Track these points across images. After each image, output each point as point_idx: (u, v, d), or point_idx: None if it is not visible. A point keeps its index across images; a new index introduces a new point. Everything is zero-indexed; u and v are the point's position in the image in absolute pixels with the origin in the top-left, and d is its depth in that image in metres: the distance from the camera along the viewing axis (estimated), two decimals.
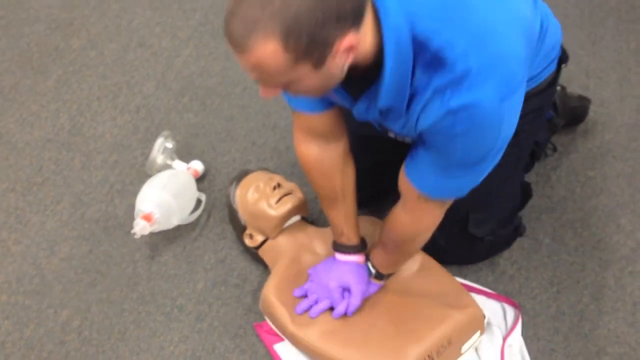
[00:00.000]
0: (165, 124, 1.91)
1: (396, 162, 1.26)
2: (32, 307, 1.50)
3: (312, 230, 1.55)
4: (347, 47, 0.95)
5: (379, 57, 1.02)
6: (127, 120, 1.94)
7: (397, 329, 1.33)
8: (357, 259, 1.40)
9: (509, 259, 1.63)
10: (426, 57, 1.00)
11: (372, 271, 1.41)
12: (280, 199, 1.50)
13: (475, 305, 1.39)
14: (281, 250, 1.51)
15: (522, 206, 1.61)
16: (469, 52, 1.00)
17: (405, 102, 1.06)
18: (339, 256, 1.41)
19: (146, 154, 1.82)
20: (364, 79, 1.07)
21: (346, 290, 1.39)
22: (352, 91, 1.13)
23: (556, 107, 1.74)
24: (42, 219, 1.68)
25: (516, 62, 1.05)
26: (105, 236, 1.65)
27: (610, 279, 1.60)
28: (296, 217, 1.54)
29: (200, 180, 1.76)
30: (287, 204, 1.49)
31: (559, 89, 1.81)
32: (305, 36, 0.91)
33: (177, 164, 1.74)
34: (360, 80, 1.08)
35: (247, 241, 1.55)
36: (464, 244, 1.53)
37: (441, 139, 1.07)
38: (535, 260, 1.64)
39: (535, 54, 1.25)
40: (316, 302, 1.39)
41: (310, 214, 1.64)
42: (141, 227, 1.52)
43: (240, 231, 1.57)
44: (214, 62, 2.12)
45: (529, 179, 1.79)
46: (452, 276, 1.47)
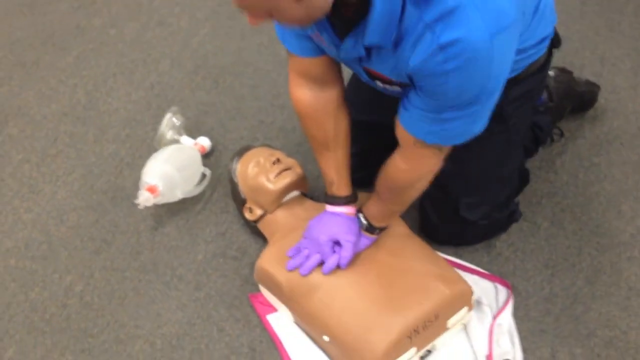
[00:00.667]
0: (177, 101, 1.96)
1: (392, 144, 1.28)
2: (38, 271, 1.57)
3: (310, 204, 1.58)
4: None
5: None
6: (140, 96, 1.99)
7: (386, 297, 1.34)
8: (347, 210, 1.40)
9: (505, 241, 1.65)
10: None
11: (364, 223, 1.39)
12: (279, 174, 1.53)
13: (463, 281, 1.41)
14: (279, 223, 1.55)
15: (518, 192, 1.62)
16: None
17: (392, 38, 1.06)
18: (329, 207, 1.41)
19: (158, 129, 1.87)
20: (354, 18, 1.07)
21: (337, 244, 1.38)
22: (340, 32, 1.13)
23: (550, 93, 1.74)
24: (53, 189, 1.75)
25: (507, 0, 1.04)
26: (112, 207, 1.71)
27: (606, 263, 1.61)
28: (295, 193, 1.58)
29: (207, 156, 1.81)
30: (286, 179, 1.53)
31: (561, 73, 1.81)
32: None
33: (185, 139, 1.79)
34: (349, 19, 1.08)
35: (247, 214, 1.59)
36: (457, 226, 1.55)
37: (432, 79, 1.06)
38: (532, 243, 1.65)
39: (527, 23, 1.25)
40: (308, 257, 1.39)
41: (310, 191, 1.67)
42: (145, 199, 1.57)
43: (240, 205, 1.61)
44: (229, 42, 2.16)
45: (533, 164, 1.80)
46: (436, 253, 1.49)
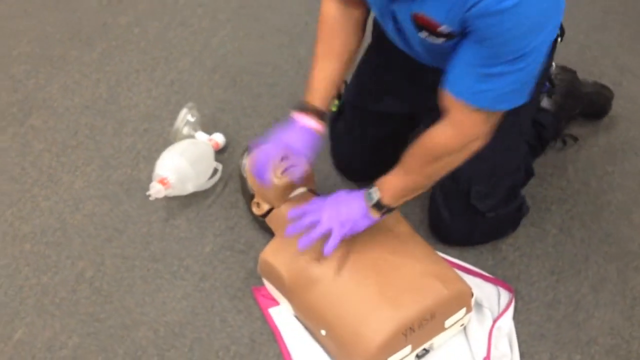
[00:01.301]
0: (196, 98, 2.00)
1: (405, 136, 1.33)
2: (52, 256, 1.62)
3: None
4: None
5: None
6: (160, 92, 2.04)
7: (384, 294, 1.35)
8: (312, 124, 1.39)
9: (512, 245, 1.65)
10: None
11: (374, 198, 1.34)
12: (286, 170, 1.55)
13: (462, 282, 1.42)
14: (285, 219, 1.57)
15: (523, 183, 1.64)
16: None
17: None
18: (296, 115, 1.41)
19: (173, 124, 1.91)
20: None
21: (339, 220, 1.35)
22: None
23: (552, 82, 1.76)
24: (71, 178, 1.80)
25: None
26: (126, 197, 1.75)
27: (613, 272, 1.60)
28: (302, 189, 1.60)
29: (221, 152, 1.84)
30: (292, 175, 1.55)
31: (562, 71, 1.83)
32: None
33: (200, 134, 1.83)
34: None
35: (255, 209, 1.62)
36: (467, 219, 1.55)
37: (487, 19, 1.06)
38: (539, 248, 1.65)
39: None
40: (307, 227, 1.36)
41: (319, 189, 1.69)
42: (156, 190, 1.61)
43: (248, 199, 1.64)
44: (249, 42, 2.19)
45: (545, 170, 1.80)
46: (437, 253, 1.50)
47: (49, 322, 1.49)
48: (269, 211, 1.60)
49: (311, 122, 1.41)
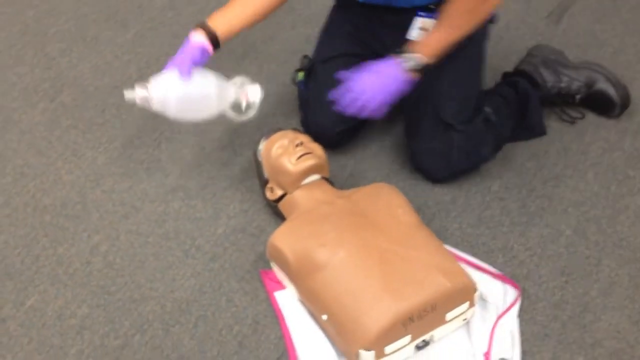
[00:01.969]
0: None
1: None
2: (70, 229, 1.67)
3: (329, 189, 1.61)
4: None
5: None
6: None
7: (386, 284, 1.36)
8: (202, 42, 1.54)
9: (523, 245, 1.64)
10: None
11: (414, 61, 1.52)
12: (301, 157, 1.57)
13: (466, 276, 1.42)
14: (298, 204, 1.59)
15: (527, 138, 1.85)
16: None
17: None
18: (192, 32, 1.54)
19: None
20: None
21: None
22: None
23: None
24: (94, 154, 1.85)
25: None
26: (146, 176, 1.79)
27: (624, 276, 1.58)
28: (316, 176, 1.62)
29: (239, 137, 1.87)
30: (307, 162, 1.57)
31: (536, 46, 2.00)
32: None
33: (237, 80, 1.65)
34: None
35: (268, 194, 1.64)
36: (441, 134, 1.68)
37: None
38: (550, 249, 1.63)
39: None
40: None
41: (332, 178, 1.70)
42: (131, 92, 1.55)
43: (262, 184, 1.67)
44: (280, 31, 2.22)
45: (564, 172, 1.79)
46: (444, 246, 1.50)
47: (61, 291, 1.54)
48: (282, 197, 1.62)
49: (202, 39, 1.53)
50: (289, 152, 1.59)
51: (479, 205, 1.73)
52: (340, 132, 1.77)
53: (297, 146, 1.60)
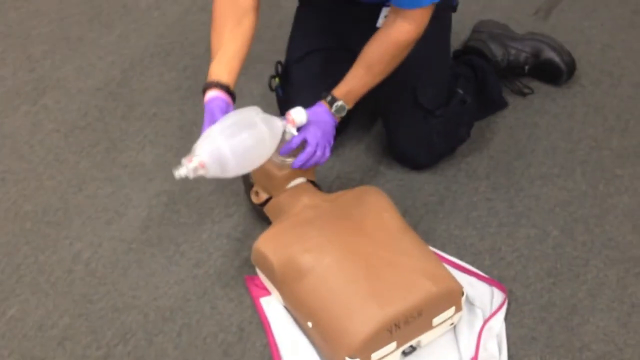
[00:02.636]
0: None
1: None
2: (51, 236, 1.65)
3: (316, 192, 1.59)
4: None
5: None
6: (172, 77, 2.05)
7: (372, 289, 1.35)
8: (223, 97, 1.42)
9: (511, 246, 1.63)
10: None
11: (344, 108, 1.51)
12: (286, 160, 1.55)
13: (453, 280, 1.40)
14: (284, 208, 1.57)
15: (492, 112, 1.91)
16: None
17: None
18: (208, 95, 1.42)
19: (183, 110, 1.93)
20: None
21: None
22: None
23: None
24: (77, 159, 1.82)
25: None
26: (129, 181, 1.77)
27: (612, 277, 1.57)
28: (301, 179, 1.60)
29: None
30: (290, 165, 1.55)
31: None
32: None
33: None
34: None
35: (253, 198, 1.62)
36: (420, 121, 1.70)
37: None
38: (538, 250, 1.62)
39: None
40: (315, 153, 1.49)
41: (320, 182, 1.69)
42: (190, 168, 1.31)
43: (248, 188, 1.65)
44: (266, 30, 2.19)
45: (552, 171, 1.77)
46: (430, 249, 1.49)
47: (42, 301, 1.52)
48: (267, 200, 1.60)
49: (218, 94, 1.42)
50: (274, 155, 1.57)
51: (467, 206, 1.72)
52: None
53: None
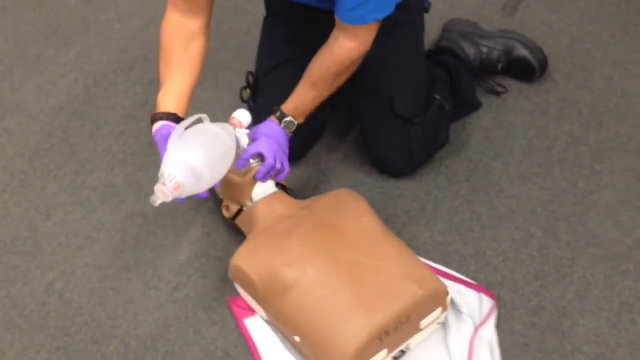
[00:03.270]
0: None
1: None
2: (22, 267, 1.58)
3: (289, 200, 1.55)
4: None
5: None
6: (138, 92, 1.99)
7: (357, 298, 1.33)
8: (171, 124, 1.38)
9: (495, 250, 1.60)
10: None
11: (294, 123, 1.52)
12: (247, 166, 1.50)
13: (437, 280, 1.38)
14: (257, 220, 1.52)
15: (466, 114, 1.88)
16: None
17: None
18: (156, 127, 1.38)
19: (151, 127, 1.86)
20: None
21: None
22: None
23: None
24: (43, 183, 1.75)
25: None
26: (100, 204, 1.71)
27: (599, 276, 1.55)
28: (271, 185, 1.55)
29: None
30: (254, 171, 1.50)
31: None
32: None
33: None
34: None
35: (225, 212, 1.57)
36: (399, 130, 1.67)
37: None
38: (523, 253, 1.60)
39: None
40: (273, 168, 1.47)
41: (297, 190, 1.65)
42: (160, 194, 1.27)
43: (218, 204, 1.60)
44: (232, 37, 2.14)
45: (530, 170, 1.76)
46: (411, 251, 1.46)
47: (17, 337, 1.46)
48: (238, 212, 1.55)
49: (168, 124, 1.38)
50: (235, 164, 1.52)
51: (449, 211, 1.69)
52: (294, 143, 1.68)
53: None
